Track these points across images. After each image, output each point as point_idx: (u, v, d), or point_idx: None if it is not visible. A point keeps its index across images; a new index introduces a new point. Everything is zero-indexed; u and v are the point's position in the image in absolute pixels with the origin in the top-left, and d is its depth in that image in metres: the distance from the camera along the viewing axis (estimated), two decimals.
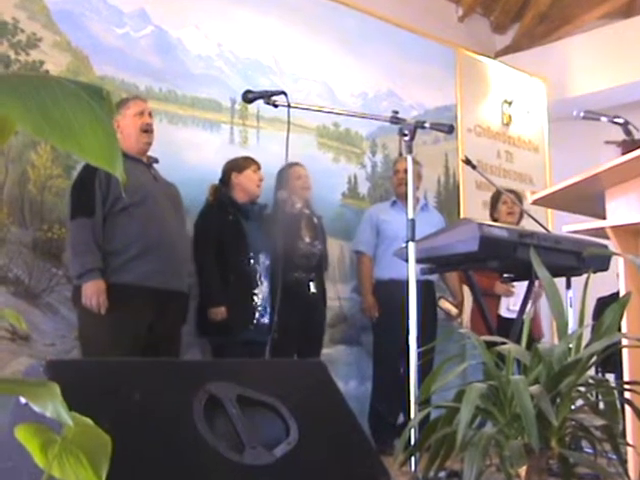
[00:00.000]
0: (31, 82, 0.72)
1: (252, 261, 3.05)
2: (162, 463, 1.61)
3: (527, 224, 3.63)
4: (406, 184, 3.74)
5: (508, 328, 2.95)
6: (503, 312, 3.61)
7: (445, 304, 3.58)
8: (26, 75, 0.80)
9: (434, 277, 3.54)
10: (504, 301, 3.63)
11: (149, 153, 2.82)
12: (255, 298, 3.04)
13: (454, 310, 3.61)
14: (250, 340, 2.96)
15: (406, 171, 3.67)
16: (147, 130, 2.74)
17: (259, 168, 3.18)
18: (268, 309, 3.05)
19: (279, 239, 3.02)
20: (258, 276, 3.07)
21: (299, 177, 3.42)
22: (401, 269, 3.26)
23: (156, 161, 2.83)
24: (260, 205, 3.20)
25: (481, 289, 3.68)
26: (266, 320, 3.03)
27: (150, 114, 2.79)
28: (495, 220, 3.90)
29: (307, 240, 3.37)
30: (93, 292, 2.49)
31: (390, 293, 3.43)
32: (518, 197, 3.78)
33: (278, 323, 2.68)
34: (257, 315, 3.03)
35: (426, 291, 3.33)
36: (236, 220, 3.06)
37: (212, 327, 2.97)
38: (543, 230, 3.31)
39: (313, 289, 3.32)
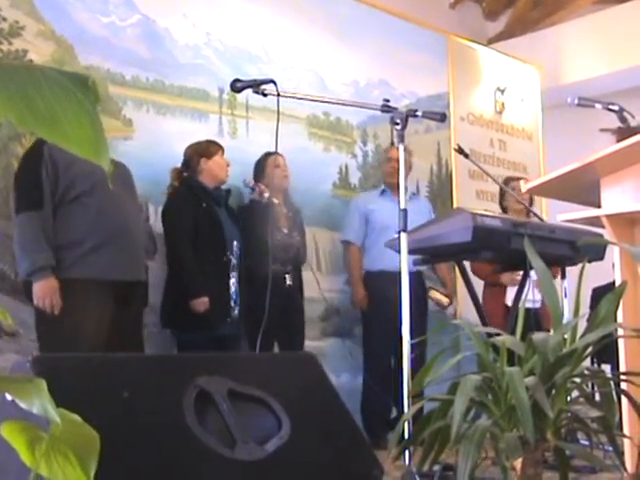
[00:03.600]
0: (15, 71, 0.71)
1: (228, 251, 2.95)
2: (152, 460, 1.59)
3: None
4: (398, 173, 3.71)
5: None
6: (510, 302, 3.58)
7: (435, 295, 3.56)
8: (9, 64, 0.79)
9: (423, 267, 3.51)
10: (510, 291, 3.59)
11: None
12: (231, 289, 2.93)
13: (445, 300, 3.60)
14: (221, 335, 2.86)
15: (399, 160, 3.68)
16: None
17: (224, 152, 3.08)
18: (238, 301, 2.94)
19: (250, 230, 2.95)
20: (232, 266, 2.96)
21: (277, 165, 3.27)
22: (391, 260, 3.22)
23: None
24: (226, 190, 3.10)
25: (487, 279, 3.65)
26: (237, 312, 2.94)
27: None
28: (505, 209, 3.86)
29: (285, 231, 3.28)
30: (46, 292, 2.34)
31: (380, 285, 3.40)
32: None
33: (254, 317, 2.59)
34: (232, 306, 2.92)
35: (416, 282, 3.30)
36: (210, 207, 2.96)
37: (188, 320, 2.80)
38: (537, 219, 3.30)
39: (289, 281, 3.22)
